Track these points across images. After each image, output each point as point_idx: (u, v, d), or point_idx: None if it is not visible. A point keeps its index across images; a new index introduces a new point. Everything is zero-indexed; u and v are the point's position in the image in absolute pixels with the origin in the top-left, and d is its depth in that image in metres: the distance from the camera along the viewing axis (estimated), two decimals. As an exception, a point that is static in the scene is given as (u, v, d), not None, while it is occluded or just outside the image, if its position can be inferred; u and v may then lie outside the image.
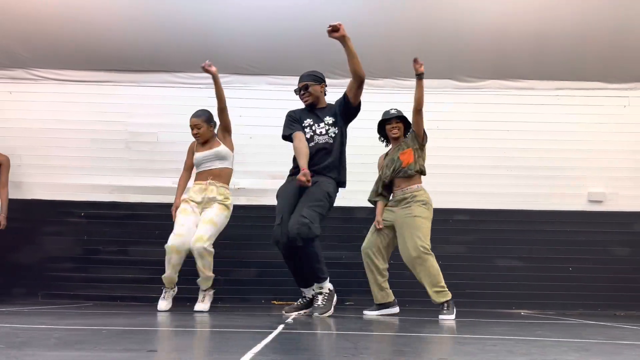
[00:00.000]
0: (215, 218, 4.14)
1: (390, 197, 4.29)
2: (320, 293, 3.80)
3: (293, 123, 3.99)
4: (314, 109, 4.06)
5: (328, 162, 3.93)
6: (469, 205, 5.49)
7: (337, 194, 4.03)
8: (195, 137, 4.38)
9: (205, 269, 4.08)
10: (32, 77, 5.54)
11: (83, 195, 5.44)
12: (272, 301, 5.30)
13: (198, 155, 4.36)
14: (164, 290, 4.20)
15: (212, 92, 5.43)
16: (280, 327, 2.69)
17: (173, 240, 4.01)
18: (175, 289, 4.26)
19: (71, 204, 5.42)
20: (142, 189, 5.45)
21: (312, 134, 3.98)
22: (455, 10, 5.15)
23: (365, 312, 4.22)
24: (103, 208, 5.43)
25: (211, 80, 5.61)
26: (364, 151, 4.80)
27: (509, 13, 5.13)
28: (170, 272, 4.06)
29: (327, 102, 4.16)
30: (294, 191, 3.84)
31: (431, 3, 5.12)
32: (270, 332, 2.36)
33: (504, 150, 5.58)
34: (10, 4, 5.05)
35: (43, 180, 5.45)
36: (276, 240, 3.78)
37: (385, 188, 4.28)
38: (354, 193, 4.55)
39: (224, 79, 5.57)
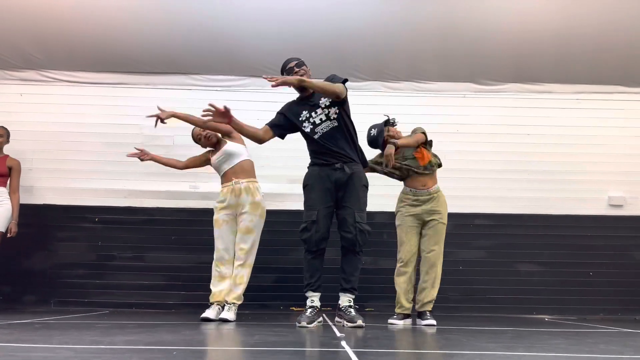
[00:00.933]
0: (251, 224, 4.10)
1: (409, 193, 4.12)
2: (351, 306, 3.65)
3: (275, 118, 3.77)
4: (305, 95, 3.75)
5: (350, 146, 3.70)
6: (490, 210, 5.46)
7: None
8: (205, 146, 4.37)
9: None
10: (44, 79, 5.42)
11: (97, 200, 5.34)
12: (290, 307, 5.22)
13: (213, 159, 4.29)
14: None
15: (228, 95, 5.44)
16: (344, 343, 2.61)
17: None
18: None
19: (85, 209, 5.31)
20: (158, 193, 5.36)
21: (311, 127, 3.68)
22: (476, 14, 5.12)
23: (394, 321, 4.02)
24: (118, 213, 5.33)
25: (226, 83, 5.59)
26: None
27: (529, 16, 5.10)
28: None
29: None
30: (328, 185, 3.63)
31: (452, 6, 5.06)
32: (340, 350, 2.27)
33: (524, 154, 5.55)
34: (23, 4, 4.92)
35: (55, 185, 5.34)
36: (308, 238, 3.62)
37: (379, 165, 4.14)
38: (373, 197, 4.45)
39: (240, 81, 5.57)
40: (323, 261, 3.71)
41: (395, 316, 4.02)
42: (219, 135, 4.33)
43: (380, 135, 4.03)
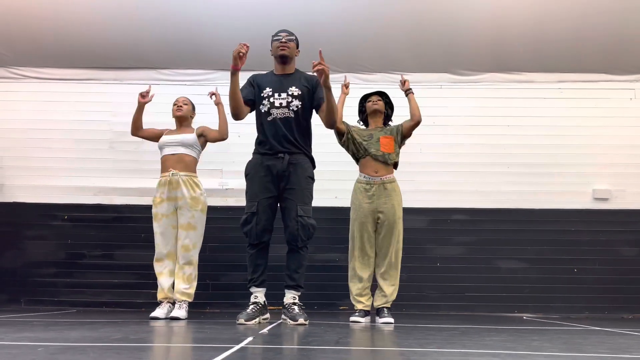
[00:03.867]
0: (192, 221, 3.97)
1: (362, 178, 3.93)
2: (295, 303, 3.49)
3: (247, 91, 3.63)
4: (281, 72, 3.62)
5: (300, 137, 3.56)
6: (468, 205, 5.27)
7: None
8: (177, 112, 4.19)
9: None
10: (12, 76, 5.38)
11: (66, 197, 5.27)
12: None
13: (163, 138, 4.15)
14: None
15: (198, 89, 5.33)
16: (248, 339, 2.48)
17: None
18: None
19: (54, 206, 5.25)
20: (128, 190, 5.27)
21: (269, 106, 3.54)
22: (450, 0, 4.93)
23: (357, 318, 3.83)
24: (87, 211, 5.26)
25: (197, 77, 5.49)
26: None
27: (507, 2, 4.90)
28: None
29: (298, 70, 3.72)
30: (268, 177, 3.49)
31: (425, -7, 4.90)
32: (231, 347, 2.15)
33: (504, 146, 5.36)
34: (-12, 1, 4.88)
35: (25, 183, 5.29)
36: (249, 230, 3.49)
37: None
38: (346, 192, 4.31)
39: (209, 75, 5.46)
40: (267, 255, 3.56)
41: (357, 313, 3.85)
42: (191, 116, 4.24)
43: None
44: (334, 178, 4.84)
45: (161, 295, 3.95)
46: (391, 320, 3.67)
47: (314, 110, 3.68)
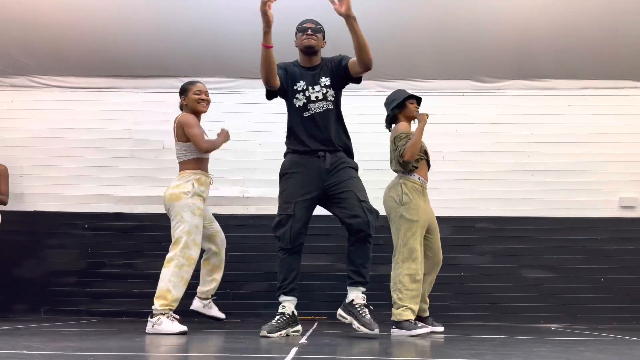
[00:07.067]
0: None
1: (418, 180, 3.79)
2: (367, 305, 3.15)
3: (278, 70, 3.28)
4: (308, 64, 3.38)
5: (340, 134, 3.31)
6: (492, 213, 5.20)
7: None
8: (201, 104, 3.77)
9: None
10: (34, 85, 5.38)
11: (87, 206, 5.24)
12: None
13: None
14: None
15: (219, 97, 5.30)
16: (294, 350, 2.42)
17: None
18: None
19: (75, 215, 5.22)
20: (149, 199, 5.23)
21: (305, 101, 3.29)
22: (473, 6, 4.91)
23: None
24: (108, 219, 5.23)
25: (217, 85, 5.46)
26: (375, 156, 4.53)
27: (530, 7, 4.86)
28: None
29: (322, 58, 3.49)
30: (306, 176, 3.24)
31: None
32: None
33: (528, 154, 5.29)
34: (11, 10, 4.89)
35: (45, 191, 5.26)
36: (283, 234, 3.20)
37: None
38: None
39: (231, 83, 5.47)
40: (300, 260, 3.26)
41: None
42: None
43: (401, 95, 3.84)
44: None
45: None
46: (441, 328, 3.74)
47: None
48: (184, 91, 3.83)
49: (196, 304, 4.07)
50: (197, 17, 4.96)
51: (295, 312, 3.26)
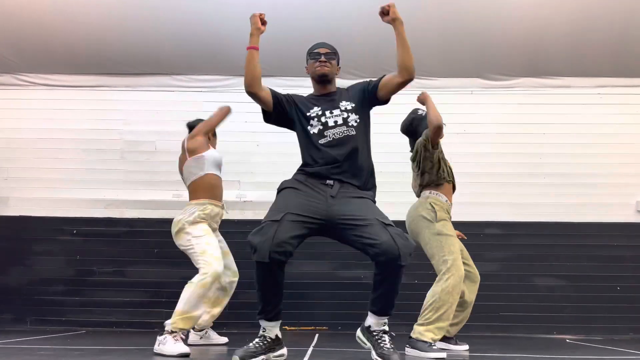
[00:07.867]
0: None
1: (446, 202, 3.58)
2: (387, 332, 2.73)
3: (280, 94, 2.90)
4: (323, 92, 2.96)
5: (359, 166, 2.78)
6: (502, 218, 5.03)
7: None
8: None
9: None
10: (20, 83, 5.23)
11: (75, 211, 5.08)
12: (284, 327, 4.79)
13: (214, 152, 3.73)
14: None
15: (213, 95, 5.12)
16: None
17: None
18: None
19: (63, 220, 5.06)
20: (140, 203, 5.08)
21: (320, 127, 2.80)
22: (483, 2, 4.72)
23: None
24: (97, 225, 5.06)
25: (213, 84, 5.27)
26: (390, 158, 4.32)
27: (543, 3, 4.68)
28: None
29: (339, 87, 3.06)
30: (311, 197, 2.69)
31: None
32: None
33: (540, 155, 5.13)
34: (-6, 3, 4.69)
35: (31, 195, 5.11)
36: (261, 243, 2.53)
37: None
38: (378, 206, 4.04)
39: (226, 81, 5.31)
40: (283, 279, 2.63)
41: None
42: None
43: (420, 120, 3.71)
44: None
45: None
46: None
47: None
48: None
49: (192, 339, 3.76)
50: (190, 13, 4.80)
51: (280, 335, 2.75)
